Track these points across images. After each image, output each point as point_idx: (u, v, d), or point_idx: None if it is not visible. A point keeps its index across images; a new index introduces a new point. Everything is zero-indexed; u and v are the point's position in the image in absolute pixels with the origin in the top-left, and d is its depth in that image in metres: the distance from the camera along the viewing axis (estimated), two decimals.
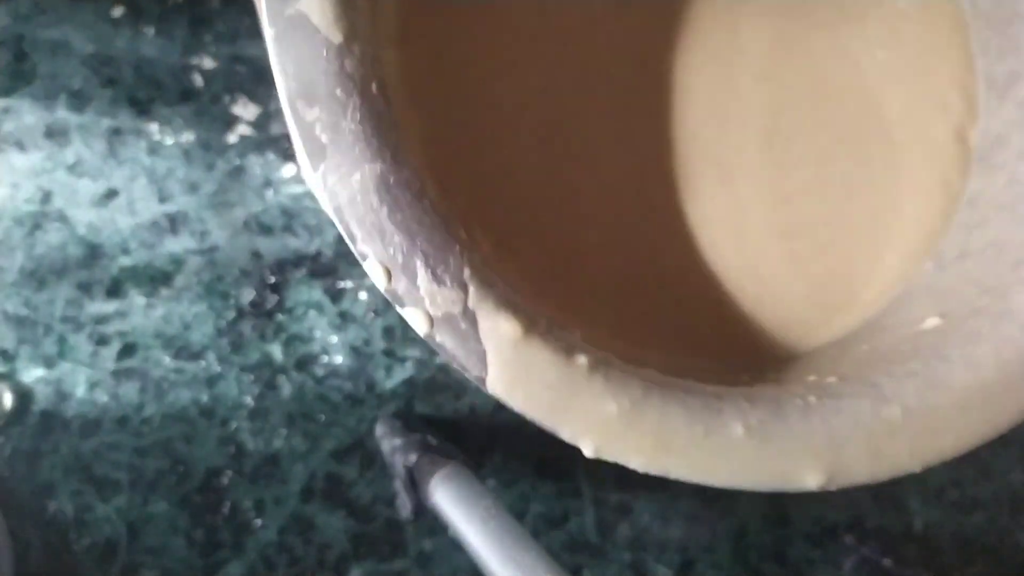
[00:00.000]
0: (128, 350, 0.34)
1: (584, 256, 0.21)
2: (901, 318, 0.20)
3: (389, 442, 0.32)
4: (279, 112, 0.34)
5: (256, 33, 0.34)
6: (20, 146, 0.34)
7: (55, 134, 0.34)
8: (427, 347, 0.35)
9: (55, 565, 0.34)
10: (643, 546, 0.35)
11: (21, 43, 0.35)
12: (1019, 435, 0.36)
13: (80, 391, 0.34)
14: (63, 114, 0.34)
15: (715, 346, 0.21)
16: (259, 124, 0.34)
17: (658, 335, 0.21)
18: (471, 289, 0.15)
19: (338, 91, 0.15)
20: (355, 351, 0.35)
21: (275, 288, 0.35)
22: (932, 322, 0.18)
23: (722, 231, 0.22)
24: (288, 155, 0.35)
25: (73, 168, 0.34)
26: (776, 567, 0.35)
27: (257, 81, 0.34)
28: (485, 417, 0.35)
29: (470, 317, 0.15)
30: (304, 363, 0.34)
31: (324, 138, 0.15)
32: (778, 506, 0.35)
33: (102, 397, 0.34)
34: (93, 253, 0.34)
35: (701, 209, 0.22)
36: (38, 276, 0.34)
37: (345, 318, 0.35)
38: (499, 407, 0.35)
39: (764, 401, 0.16)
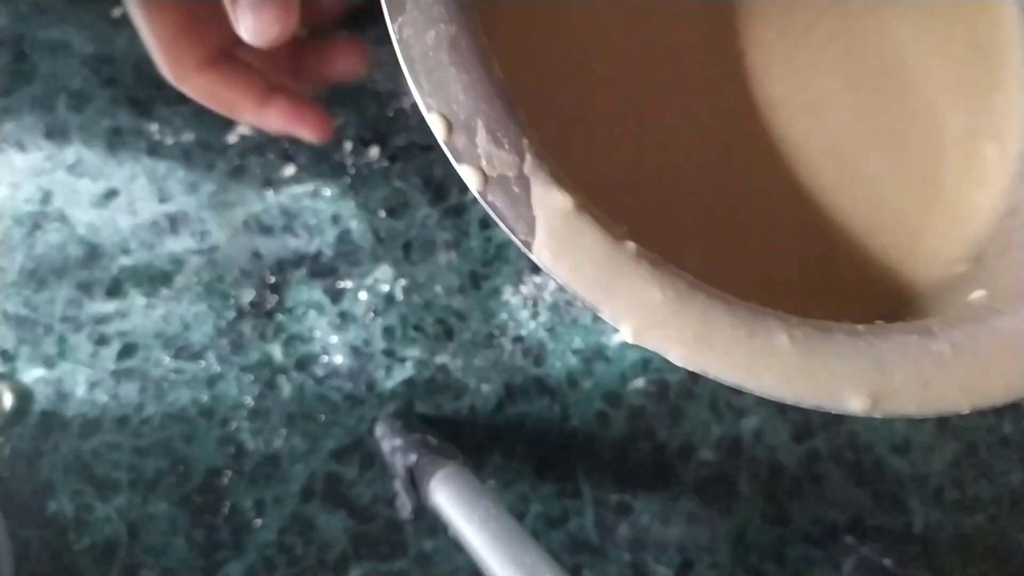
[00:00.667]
0: (128, 350, 0.34)
1: (640, 161, 0.21)
2: (944, 301, 0.20)
3: (389, 442, 0.32)
4: None
5: None
6: (20, 146, 0.34)
7: (55, 134, 0.34)
8: (426, 347, 0.35)
9: (55, 565, 0.34)
10: (643, 546, 0.35)
11: (21, 43, 0.35)
12: (1019, 436, 0.36)
13: (80, 391, 0.34)
14: (63, 114, 0.34)
15: (762, 278, 0.21)
16: None
17: (713, 251, 0.21)
18: (528, 156, 0.15)
19: None
20: (355, 351, 0.35)
21: (275, 288, 0.35)
22: (978, 294, 0.18)
23: (793, 147, 0.21)
24: (287, 155, 0.35)
25: (73, 168, 0.34)
26: (776, 567, 0.35)
27: None
28: (485, 417, 0.35)
29: (524, 182, 0.15)
30: (304, 363, 0.35)
31: None
32: (778, 506, 0.35)
33: (102, 397, 0.34)
34: (93, 253, 0.34)
35: (773, 119, 0.22)
36: (38, 276, 0.34)
37: (345, 318, 0.35)
38: (499, 408, 0.35)
39: (812, 323, 0.16)
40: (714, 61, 0.22)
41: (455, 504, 0.27)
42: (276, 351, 0.34)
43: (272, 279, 0.35)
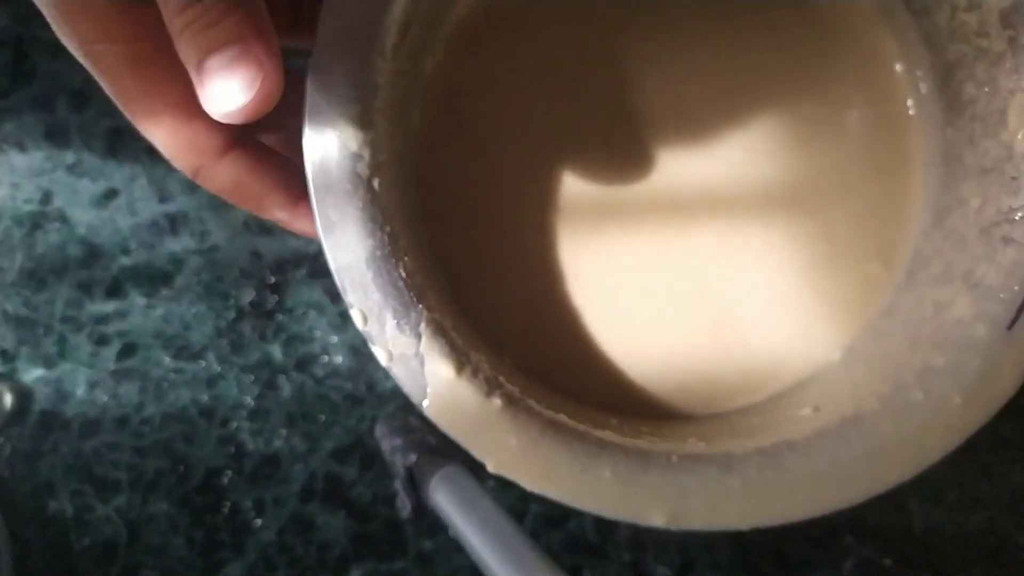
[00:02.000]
0: (128, 350, 0.34)
1: (524, 316, 0.26)
2: (793, 400, 0.24)
3: (389, 442, 0.32)
4: None
5: None
6: (20, 146, 0.34)
7: (55, 134, 0.34)
8: None
9: (55, 564, 0.34)
10: (643, 546, 0.35)
11: (21, 43, 0.35)
12: (1019, 436, 0.36)
13: (80, 391, 0.34)
14: (63, 114, 0.35)
15: (625, 402, 0.26)
16: None
17: (581, 388, 0.25)
18: (423, 339, 0.20)
19: (347, 185, 0.20)
20: (355, 351, 0.35)
21: (275, 288, 0.35)
22: (806, 411, 0.23)
23: (647, 301, 0.26)
24: None
25: (73, 168, 0.34)
26: (776, 567, 0.35)
27: None
28: None
29: (420, 358, 0.20)
30: (304, 363, 0.35)
31: (334, 218, 0.20)
32: None
33: (102, 397, 0.34)
34: (93, 253, 0.34)
35: (624, 279, 0.26)
36: (38, 276, 0.34)
37: (345, 318, 0.35)
38: None
39: (635, 455, 0.21)
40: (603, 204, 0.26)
41: (455, 504, 0.27)
42: (276, 351, 0.34)
43: (272, 279, 0.35)
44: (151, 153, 0.35)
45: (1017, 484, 0.36)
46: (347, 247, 0.20)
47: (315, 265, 0.35)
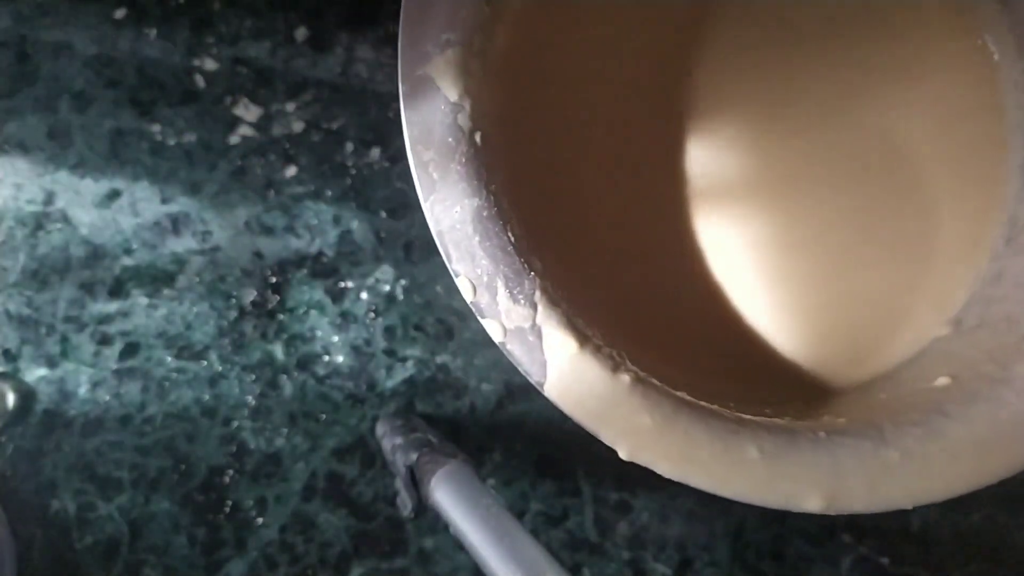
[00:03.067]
0: (130, 350, 0.34)
1: (633, 290, 0.24)
2: (917, 373, 0.23)
3: (390, 441, 0.32)
4: (280, 113, 0.35)
5: (257, 35, 0.35)
6: (23, 147, 0.35)
7: (58, 135, 0.35)
8: (427, 347, 0.35)
9: (57, 564, 0.34)
10: (642, 544, 0.35)
11: (24, 44, 0.35)
12: None
13: (82, 390, 0.34)
14: (65, 115, 0.35)
15: (746, 378, 0.23)
16: (260, 125, 0.35)
17: (697, 364, 0.23)
18: (539, 308, 0.18)
19: (449, 139, 0.18)
20: (356, 351, 0.35)
21: (276, 288, 0.35)
22: (942, 381, 0.21)
23: (763, 275, 0.24)
24: (289, 156, 0.35)
25: (75, 169, 0.35)
26: (774, 565, 0.35)
27: (258, 83, 0.34)
28: (485, 416, 0.35)
29: (536, 331, 0.18)
30: (305, 362, 0.35)
31: (435, 175, 0.18)
32: None
33: (104, 396, 0.34)
34: (95, 253, 0.34)
35: (746, 257, 0.24)
36: (41, 276, 0.34)
37: (346, 318, 0.35)
38: (499, 407, 0.35)
39: (779, 431, 0.18)
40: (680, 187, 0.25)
41: (455, 502, 0.27)
42: (278, 351, 0.35)
43: (274, 279, 0.35)
44: (154, 154, 0.35)
45: (1014, 483, 0.36)
46: (450, 208, 0.18)
47: (317, 265, 0.35)
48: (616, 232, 0.24)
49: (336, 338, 0.35)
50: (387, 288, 0.35)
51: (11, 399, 0.34)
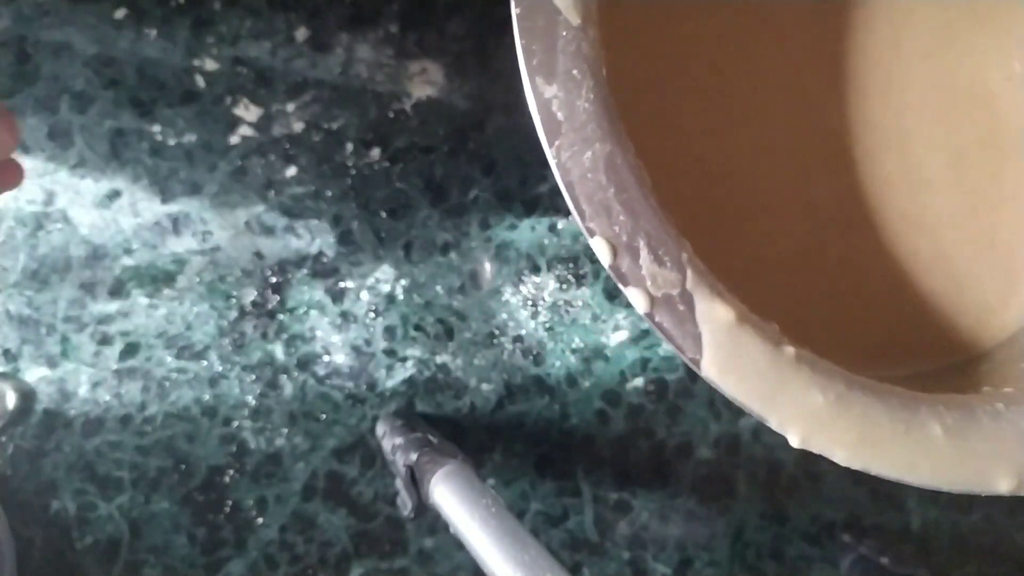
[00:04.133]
0: (130, 350, 0.34)
1: (769, 254, 0.22)
2: (1009, 356, 0.21)
3: (390, 441, 0.32)
4: (280, 114, 0.35)
5: (257, 35, 0.35)
6: (23, 147, 0.35)
7: (58, 135, 0.35)
8: (427, 347, 0.35)
9: (57, 563, 0.34)
10: (642, 544, 0.35)
11: (24, 45, 0.35)
12: None
13: (83, 390, 0.34)
14: (66, 115, 0.35)
15: (892, 340, 0.21)
16: (261, 126, 0.35)
17: (842, 334, 0.21)
18: (689, 272, 0.15)
19: (575, 71, 0.15)
20: (356, 351, 0.35)
21: (277, 288, 0.35)
22: None
23: (898, 218, 0.22)
24: (289, 156, 0.35)
25: (76, 169, 0.35)
26: (774, 565, 0.35)
27: (259, 83, 0.34)
28: (485, 416, 0.35)
29: (687, 299, 0.15)
30: (305, 362, 0.35)
31: (560, 115, 0.15)
32: (776, 504, 0.36)
33: (104, 396, 0.34)
34: (95, 253, 0.34)
35: (886, 214, 0.22)
36: (41, 276, 0.34)
37: (346, 318, 0.35)
38: (499, 407, 0.35)
39: (956, 405, 0.16)
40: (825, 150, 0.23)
41: (456, 502, 0.27)
42: (278, 351, 0.35)
43: (274, 279, 0.35)
44: (154, 154, 0.35)
45: None
46: (579, 154, 0.15)
47: (316, 265, 0.35)
48: (745, 185, 0.22)
49: (336, 338, 0.35)
50: (387, 288, 0.35)
51: (11, 399, 0.34)
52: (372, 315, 0.35)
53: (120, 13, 0.35)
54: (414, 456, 0.30)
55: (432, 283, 0.35)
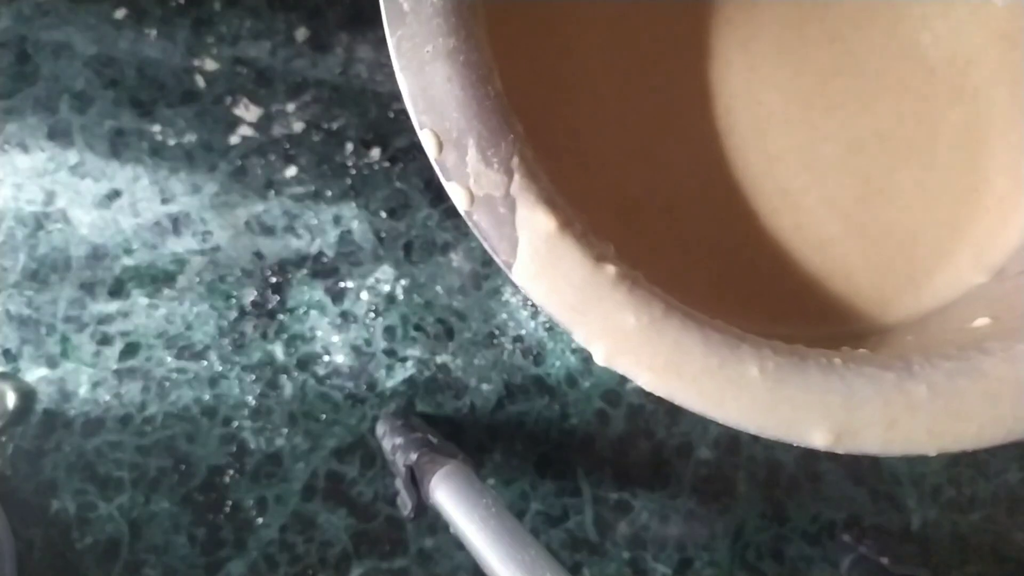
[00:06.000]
0: (130, 350, 0.34)
1: (640, 188, 0.21)
2: (950, 317, 0.20)
3: (390, 441, 0.32)
4: (280, 114, 0.35)
5: (257, 35, 0.35)
6: (23, 147, 0.35)
7: (58, 135, 0.35)
8: (427, 347, 0.35)
9: (57, 563, 0.34)
10: (642, 544, 0.35)
11: (24, 45, 0.35)
12: None
13: (83, 390, 0.34)
14: (66, 115, 0.35)
15: (762, 308, 0.21)
16: (261, 126, 0.35)
17: (708, 284, 0.21)
18: (516, 177, 0.15)
19: None
20: (356, 351, 0.35)
21: (277, 288, 0.35)
22: (981, 321, 0.18)
23: (787, 194, 0.21)
24: (289, 156, 0.35)
25: (76, 169, 0.35)
26: (774, 565, 0.35)
27: (259, 83, 0.34)
28: (485, 416, 0.35)
29: (509, 203, 0.15)
30: (306, 362, 0.35)
31: (406, 6, 0.15)
32: (776, 504, 0.36)
33: (104, 396, 0.34)
34: (95, 253, 0.34)
35: (773, 173, 0.21)
36: (41, 276, 0.34)
37: (346, 318, 0.35)
38: (499, 407, 0.35)
39: (786, 352, 0.16)
40: (710, 80, 0.22)
41: (456, 502, 0.27)
42: (278, 351, 0.35)
43: (274, 279, 0.35)
44: (154, 154, 0.35)
45: (1013, 483, 0.36)
46: (420, 46, 0.15)
47: (317, 265, 0.35)
48: (624, 121, 0.21)
49: (336, 338, 0.35)
50: (387, 288, 0.35)
51: (11, 399, 0.34)
52: (372, 315, 0.35)
53: (120, 13, 0.35)
54: (414, 456, 0.30)
55: (432, 283, 0.35)
